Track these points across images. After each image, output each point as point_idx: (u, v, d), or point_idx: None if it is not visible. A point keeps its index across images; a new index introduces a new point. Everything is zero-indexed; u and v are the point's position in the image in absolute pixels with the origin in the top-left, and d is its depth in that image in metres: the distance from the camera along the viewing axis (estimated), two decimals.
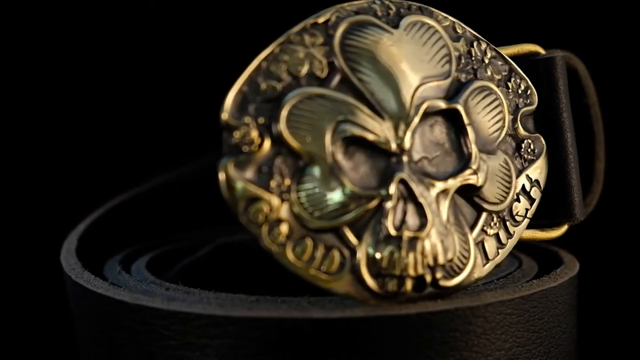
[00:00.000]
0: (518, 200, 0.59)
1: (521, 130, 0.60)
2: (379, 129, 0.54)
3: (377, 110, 0.54)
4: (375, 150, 0.54)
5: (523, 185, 0.60)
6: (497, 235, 0.58)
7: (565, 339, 0.63)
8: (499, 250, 0.58)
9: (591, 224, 0.67)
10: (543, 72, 0.62)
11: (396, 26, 0.56)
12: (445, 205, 0.56)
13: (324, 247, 0.54)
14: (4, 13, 0.85)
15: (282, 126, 0.53)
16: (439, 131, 0.57)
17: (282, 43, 0.54)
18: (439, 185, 0.55)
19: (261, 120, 0.53)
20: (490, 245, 0.58)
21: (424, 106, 0.55)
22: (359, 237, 0.54)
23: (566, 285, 0.62)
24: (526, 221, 0.60)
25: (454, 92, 0.57)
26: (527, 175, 0.60)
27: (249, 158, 0.53)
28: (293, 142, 0.53)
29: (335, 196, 0.53)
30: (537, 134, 0.61)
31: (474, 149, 0.57)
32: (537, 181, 0.60)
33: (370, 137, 0.54)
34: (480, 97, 0.58)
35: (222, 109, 0.52)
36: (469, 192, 0.57)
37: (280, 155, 0.53)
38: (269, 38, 0.55)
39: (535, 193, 0.60)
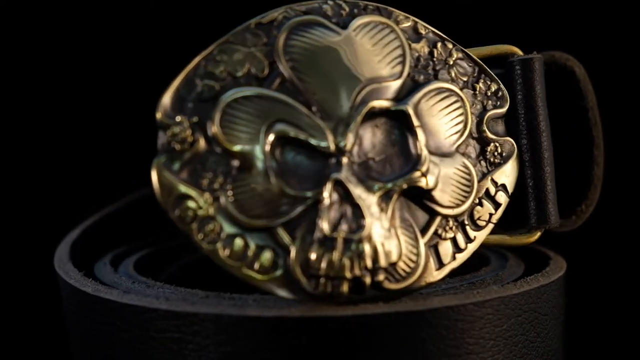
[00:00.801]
0: (480, 204, 0.58)
1: (488, 133, 0.58)
2: (317, 130, 0.54)
3: (317, 111, 0.54)
4: (313, 151, 0.54)
5: (487, 189, 0.58)
6: (453, 240, 0.57)
7: (550, 340, 0.62)
8: (456, 255, 0.57)
9: (587, 226, 0.65)
10: (520, 74, 0.60)
11: (345, 27, 0.56)
12: (389, 207, 0.55)
13: (256, 246, 0.54)
14: None
15: (215, 125, 0.53)
16: (388, 133, 0.56)
17: (222, 43, 0.54)
18: (383, 187, 0.55)
19: (195, 119, 0.53)
20: (444, 249, 0.57)
21: (367, 107, 0.55)
22: (293, 237, 0.54)
23: (551, 287, 0.61)
24: (490, 226, 0.58)
25: (405, 94, 0.56)
26: (492, 179, 0.58)
27: (181, 156, 0.53)
28: (226, 142, 0.53)
29: (268, 196, 0.54)
30: (507, 138, 0.59)
31: (423, 151, 0.56)
32: (503, 185, 0.58)
33: (305, 137, 0.54)
34: (437, 99, 0.57)
35: (157, 108, 0.54)
36: (419, 195, 0.56)
37: (214, 154, 0.54)
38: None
39: (501, 197, 0.58)
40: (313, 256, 0.54)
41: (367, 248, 0.54)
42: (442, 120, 0.57)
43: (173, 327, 0.55)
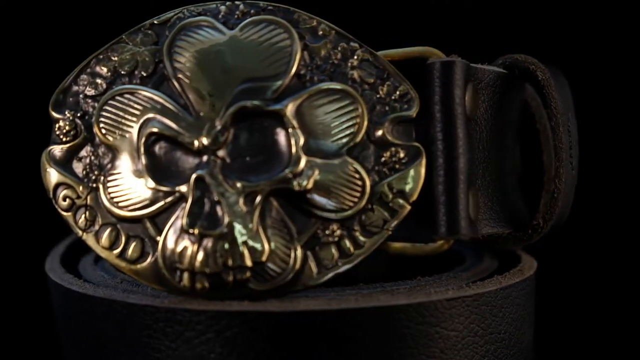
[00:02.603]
0: (372, 210, 0.56)
1: (389, 138, 0.56)
2: (188, 128, 0.55)
3: (192, 110, 0.55)
4: (185, 148, 0.55)
5: (381, 195, 0.56)
6: (337, 245, 0.56)
7: (520, 340, 0.61)
8: (341, 261, 0.56)
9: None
10: (438, 78, 0.57)
11: (233, 27, 0.56)
12: (256, 207, 0.55)
13: (126, 236, 0.56)
14: None
15: (94, 121, 0.56)
16: (267, 133, 0.55)
17: (115, 42, 0.57)
18: (249, 187, 0.55)
19: (80, 114, 0.57)
20: (326, 254, 0.56)
21: (236, 107, 0.55)
22: (159, 230, 0.56)
23: (519, 286, 0.60)
24: (385, 233, 0.56)
25: (288, 94, 0.55)
26: (389, 185, 0.56)
27: (65, 148, 0.57)
28: (102, 136, 0.56)
29: (138, 189, 0.56)
30: (414, 143, 0.56)
31: (297, 153, 0.55)
32: (401, 192, 0.56)
33: (176, 135, 0.55)
34: (325, 100, 0.55)
35: (49, 103, 0.57)
36: (294, 197, 0.55)
37: (93, 147, 0.57)
38: None
39: (397, 204, 0.56)
40: (175, 250, 0.55)
41: (225, 245, 0.54)
42: (330, 122, 0.56)
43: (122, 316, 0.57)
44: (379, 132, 0.56)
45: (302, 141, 0.55)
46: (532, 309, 0.64)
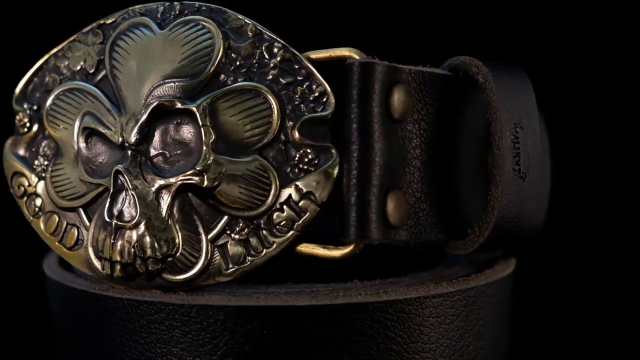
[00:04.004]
0: (281, 210, 0.56)
1: (301, 138, 0.56)
2: (113, 124, 0.58)
3: (120, 107, 0.58)
4: (110, 143, 0.58)
5: (290, 196, 0.56)
6: (246, 242, 0.57)
7: (495, 339, 0.62)
8: (248, 258, 0.57)
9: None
10: (355, 79, 0.56)
11: (165, 27, 0.58)
12: (166, 201, 0.57)
13: (65, 224, 0.60)
14: None
15: (43, 114, 0.61)
16: (186, 130, 0.57)
17: (71, 41, 0.61)
18: (160, 182, 0.57)
19: (36, 107, 0.61)
20: (235, 250, 0.57)
21: (153, 105, 0.57)
22: (90, 219, 0.59)
23: (495, 285, 0.61)
24: (293, 233, 0.56)
25: (204, 93, 0.57)
26: (297, 186, 0.56)
27: (22, 139, 0.62)
28: (50, 129, 0.60)
29: (75, 180, 0.60)
30: (325, 144, 0.56)
31: (205, 150, 0.56)
32: (309, 193, 0.56)
33: (103, 130, 0.58)
34: (238, 100, 0.56)
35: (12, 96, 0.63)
36: (203, 193, 0.57)
37: (44, 139, 0.61)
38: None
39: (306, 206, 0.56)
40: (98, 239, 0.58)
41: (136, 237, 0.57)
42: (242, 121, 0.56)
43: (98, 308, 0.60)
44: (292, 133, 0.56)
45: (212, 139, 0.56)
46: (508, 308, 0.63)
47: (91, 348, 0.60)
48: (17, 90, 0.62)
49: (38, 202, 0.61)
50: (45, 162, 0.61)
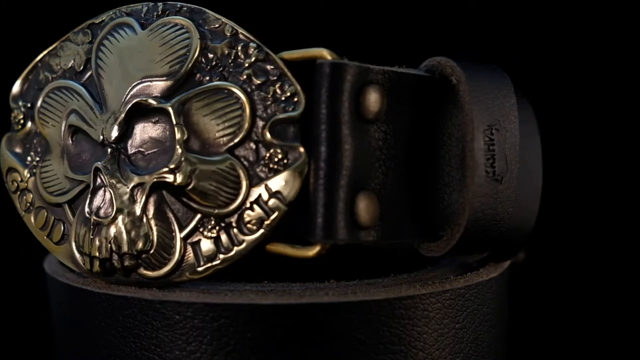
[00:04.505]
0: (251, 209, 0.57)
1: (271, 138, 0.56)
2: (95, 122, 0.59)
3: (102, 105, 0.60)
4: (93, 140, 0.60)
5: (260, 195, 0.56)
6: (217, 240, 0.57)
7: (490, 338, 0.62)
8: (220, 256, 0.57)
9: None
10: (325, 80, 0.55)
11: (146, 28, 0.59)
12: (141, 198, 0.58)
13: (53, 219, 0.62)
14: None
15: (35, 111, 0.62)
16: (161, 129, 0.58)
17: (63, 40, 0.63)
18: (137, 179, 0.58)
19: (29, 105, 0.63)
20: (207, 247, 0.57)
21: (131, 103, 0.58)
22: (74, 215, 0.61)
23: (487, 285, 0.61)
24: (263, 232, 0.56)
25: (179, 92, 0.58)
26: (267, 185, 0.56)
27: (17, 135, 0.64)
28: (40, 126, 0.62)
29: (61, 177, 0.61)
30: (294, 144, 0.56)
31: (177, 149, 0.57)
32: (278, 193, 0.56)
33: (86, 128, 0.60)
34: (212, 99, 0.57)
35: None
36: (175, 191, 0.57)
37: (35, 135, 0.63)
38: None
39: (274, 205, 0.56)
40: (80, 234, 0.60)
41: (112, 233, 0.58)
42: (214, 120, 0.57)
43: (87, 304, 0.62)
44: (263, 132, 0.57)
45: (184, 137, 0.57)
46: (495, 312, 0.62)
47: (77, 341, 0.62)
48: (14, 88, 0.64)
49: (29, 197, 0.63)
50: (37, 158, 0.63)
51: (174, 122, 0.57)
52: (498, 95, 0.58)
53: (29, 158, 0.63)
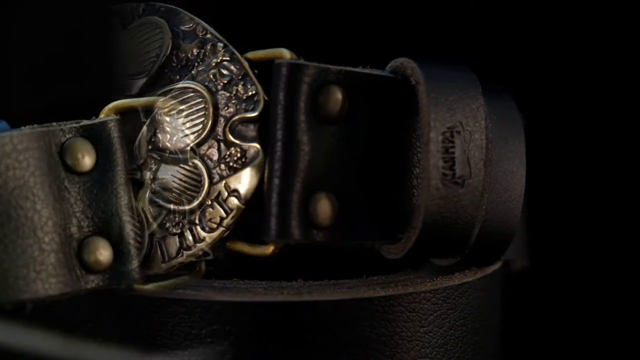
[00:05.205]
0: (212, 207, 0.57)
1: (231, 137, 0.57)
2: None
3: None
4: None
5: (219, 193, 0.57)
6: (180, 236, 0.58)
7: (483, 339, 0.62)
8: (183, 252, 0.58)
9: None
10: (282, 79, 0.56)
11: (126, 27, 0.61)
12: None
13: None
14: None
15: None
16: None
17: None
18: None
19: None
20: (171, 244, 0.59)
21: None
22: None
23: (478, 283, 0.61)
24: (222, 230, 0.57)
25: (149, 91, 0.59)
26: (226, 184, 0.57)
27: None
28: None
29: None
30: (252, 144, 0.57)
31: (141, 146, 0.58)
32: (235, 191, 0.57)
33: None
34: (179, 98, 0.58)
35: None
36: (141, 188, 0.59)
37: None
38: None
39: (232, 203, 0.57)
40: None
41: None
42: (180, 119, 0.58)
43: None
44: (224, 131, 0.58)
45: (149, 136, 0.59)
46: (491, 312, 0.63)
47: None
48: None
49: None
50: None
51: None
52: (463, 97, 0.57)
53: None
